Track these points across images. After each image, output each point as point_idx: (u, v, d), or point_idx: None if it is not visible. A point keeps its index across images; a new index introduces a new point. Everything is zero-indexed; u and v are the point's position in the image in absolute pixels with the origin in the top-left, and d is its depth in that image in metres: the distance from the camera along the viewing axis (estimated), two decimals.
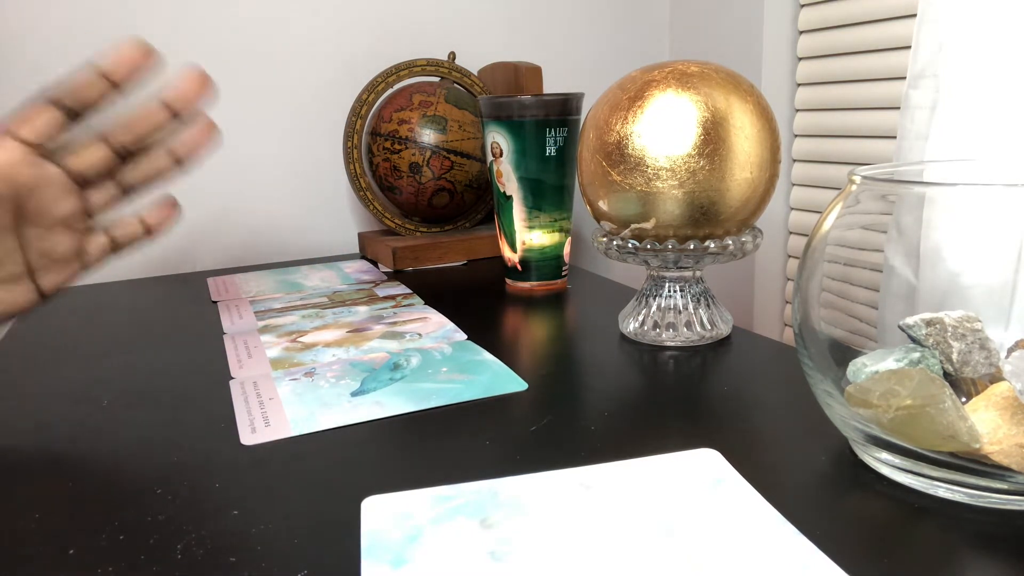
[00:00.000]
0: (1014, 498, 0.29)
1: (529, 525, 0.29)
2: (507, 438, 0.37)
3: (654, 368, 0.46)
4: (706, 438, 0.36)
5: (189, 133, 0.44)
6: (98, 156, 0.42)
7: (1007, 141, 0.47)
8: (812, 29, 0.77)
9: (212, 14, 0.78)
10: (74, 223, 0.42)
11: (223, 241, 0.83)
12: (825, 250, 0.33)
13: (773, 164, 0.46)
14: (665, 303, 0.50)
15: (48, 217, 0.41)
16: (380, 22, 0.84)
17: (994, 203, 0.31)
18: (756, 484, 0.31)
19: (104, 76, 0.40)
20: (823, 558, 0.26)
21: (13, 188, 0.39)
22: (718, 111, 0.44)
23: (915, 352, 0.31)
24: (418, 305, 0.61)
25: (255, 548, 0.29)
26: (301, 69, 0.82)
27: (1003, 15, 0.46)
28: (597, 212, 0.49)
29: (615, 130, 0.45)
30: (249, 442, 0.37)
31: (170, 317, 0.61)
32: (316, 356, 0.49)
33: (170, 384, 0.46)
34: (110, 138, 0.42)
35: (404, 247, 0.74)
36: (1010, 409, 0.28)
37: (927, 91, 0.50)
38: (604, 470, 0.33)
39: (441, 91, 0.75)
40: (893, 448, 0.30)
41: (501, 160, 0.62)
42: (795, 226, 0.83)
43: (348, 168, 0.76)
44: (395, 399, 0.42)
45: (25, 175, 0.39)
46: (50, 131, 0.40)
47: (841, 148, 0.75)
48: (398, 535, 0.28)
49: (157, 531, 0.30)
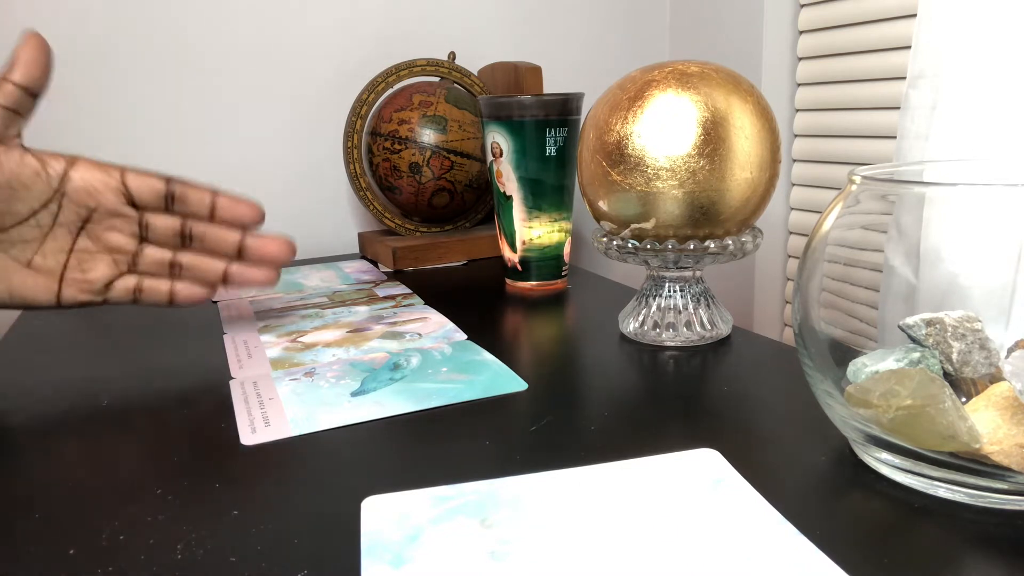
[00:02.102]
0: (1014, 498, 0.29)
1: (529, 525, 0.29)
2: (507, 438, 0.37)
3: (654, 368, 0.46)
4: (706, 438, 0.36)
5: (262, 244, 0.48)
6: (169, 224, 0.47)
7: (1007, 141, 0.47)
8: (812, 29, 0.77)
9: (212, 14, 0.78)
10: (118, 257, 0.46)
11: None
12: (825, 250, 0.33)
13: (773, 164, 0.46)
14: (665, 303, 0.50)
15: (104, 240, 0.46)
16: (380, 22, 0.84)
17: (994, 203, 0.31)
18: (756, 484, 0.31)
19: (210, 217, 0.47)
20: (823, 558, 0.26)
21: (97, 201, 0.45)
22: (718, 111, 0.44)
23: (915, 352, 0.31)
24: (418, 305, 0.61)
25: (255, 548, 0.29)
26: (301, 69, 0.82)
27: (1003, 15, 0.46)
28: (597, 212, 0.49)
29: (615, 130, 0.45)
30: (249, 442, 0.37)
31: (170, 317, 0.61)
32: (316, 356, 0.49)
33: (170, 384, 0.46)
34: (184, 225, 0.47)
35: (404, 247, 0.74)
36: (1010, 409, 0.28)
37: (927, 91, 0.50)
38: (604, 470, 0.33)
39: (441, 91, 0.75)
40: (893, 448, 0.30)
41: (501, 160, 0.62)
42: (795, 226, 0.83)
43: (348, 168, 0.76)
44: (395, 399, 0.42)
45: (112, 197, 0.45)
46: (152, 197, 0.46)
47: (841, 148, 0.75)
48: (398, 535, 0.28)
49: (157, 531, 0.30)
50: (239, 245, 0.48)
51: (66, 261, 0.45)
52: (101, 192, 0.44)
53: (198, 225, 0.47)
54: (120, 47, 0.76)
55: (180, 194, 0.46)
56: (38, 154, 0.44)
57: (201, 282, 0.48)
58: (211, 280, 0.48)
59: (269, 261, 0.48)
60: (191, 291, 0.48)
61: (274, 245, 0.48)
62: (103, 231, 0.45)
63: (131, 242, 0.46)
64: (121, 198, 0.45)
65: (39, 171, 0.43)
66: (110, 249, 0.46)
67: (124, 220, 0.45)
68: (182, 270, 0.47)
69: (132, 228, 0.46)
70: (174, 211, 0.46)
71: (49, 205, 0.44)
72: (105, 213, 0.45)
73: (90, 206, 0.44)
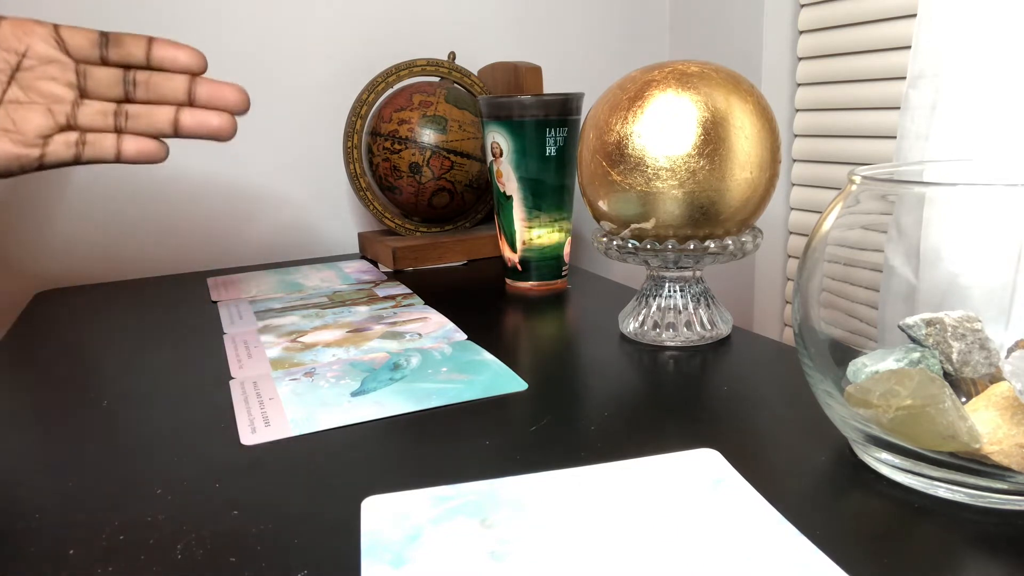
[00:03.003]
0: (1014, 498, 0.29)
1: (529, 525, 0.29)
2: (507, 438, 0.37)
3: (654, 368, 0.46)
4: (706, 438, 0.36)
5: (215, 88, 0.45)
6: (109, 73, 0.43)
7: (1007, 141, 0.47)
8: (812, 29, 0.77)
9: (212, 14, 0.78)
10: (55, 108, 0.43)
11: (223, 241, 0.83)
12: (825, 250, 0.33)
13: (773, 164, 0.46)
14: (665, 303, 0.50)
15: (37, 88, 0.42)
16: (380, 22, 0.84)
17: (994, 203, 0.31)
18: (756, 484, 0.31)
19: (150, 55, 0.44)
20: (823, 558, 0.26)
21: (27, 45, 0.42)
22: (718, 111, 0.44)
23: (915, 352, 0.31)
24: (418, 305, 0.61)
25: (255, 548, 0.29)
26: (301, 69, 0.82)
27: (1003, 15, 0.46)
28: (597, 212, 0.49)
29: (615, 130, 0.45)
30: (249, 442, 0.37)
31: (170, 317, 0.61)
32: (316, 356, 0.49)
33: (170, 384, 0.46)
34: (126, 75, 0.44)
35: (404, 247, 0.74)
36: (1010, 409, 0.28)
37: (927, 91, 0.50)
38: (604, 470, 0.33)
39: (441, 91, 0.75)
40: (893, 448, 0.30)
41: (501, 160, 0.62)
42: (795, 226, 0.83)
43: (348, 168, 0.76)
44: (395, 399, 0.42)
45: (43, 43, 0.42)
46: (87, 45, 0.43)
47: (841, 148, 0.75)
48: (398, 535, 0.28)
49: (157, 531, 0.30)
50: (188, 92, 0.45)
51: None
52: (31, 37, 0.42)
53: (141, 72, 0.44)
54: None
55: (115, 38, 0.43)
56: None
57: (150, 134, 0.45)
58: (160, 129, 0.45)
59: (224, 106, 0.45)
60: (140, 144, 0.45)
61: (229, 90, 0.45)
62: (35, 79, 0.42)
63: (68, 92, 0.43)
64: (53, 44, 0.42)
65: None
66: (45, 97, 0.43)
67: (59, 67, 0.42)
68: (128, 120, 0.44)
69: (69, 77, 0.43)
70: (111, 62, 0.43)
71: None
72: (37, 59, 0.42)
73: (19, 51, 0.41)
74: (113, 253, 0.79)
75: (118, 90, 0.44)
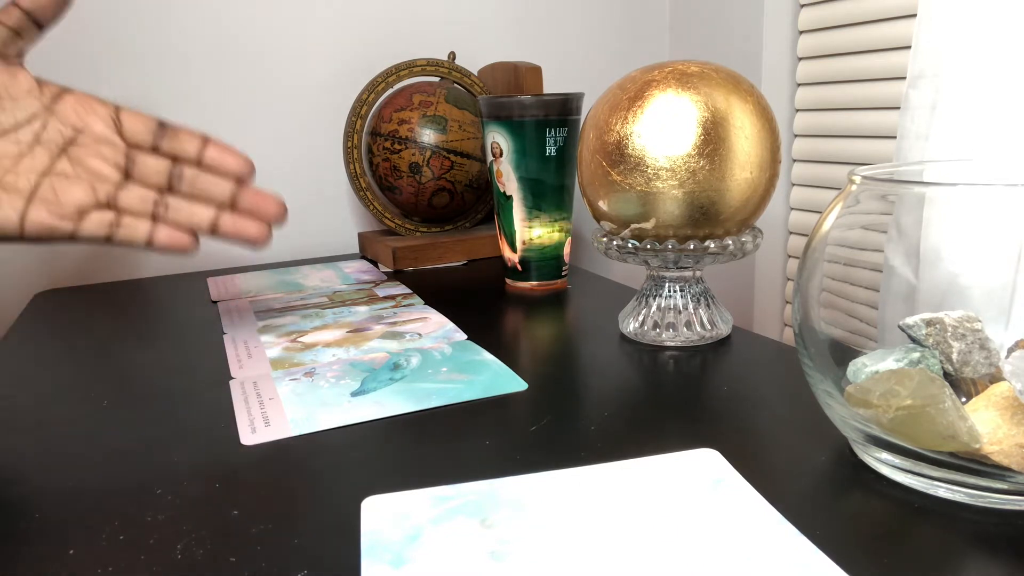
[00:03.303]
0: (1014, 498, 0.29)
1: (529, 525, 0.29)
2: (507, 438, 0.37)
3: (654, 368, 0.46)
4: (706, 438, 0.36)
5: (259, 199, 0.46)
6: (158, 164, 0.44)
7: (1007, 141, 0.47)
8: (812, 29, 0.77)
9: (211, 13, 0.78)
10: (98, 185, 0.43)
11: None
12: (825, 250, 0.33)
13: (773, 164, 0.46)
14: (665, 303, 0.50)
15: (85, 164, 0.43)
16: (380, 22, 0.84)
17: (994, 203, 0.31)
18: (756, 484, 0.31)
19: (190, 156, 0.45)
20: (823, 558, 0.26)
21: (85, 123, 0.43)
22: (718, 111, 0.44)
23: (915, 352, 0.31)
24: (418, 305, 0.61)
25: (255, 548, 0.29)
26: (301, 69, 0.82)
27: (1003, 15, 0.46)
28: (597, 212, 0.49)
29: (615, 130, 0.45)
30: (249, 442, 0.37)
31: (170, 317, 0.61)
32: (316, 356, 0.49)
33: (170, 384, 0.46)
34: (174, 169, 0.45)
35: (404, 247, 0.74)
36: (1010, 409, 0.28)
37: (927, 91, 0.50)
38: (604, 470, 0.33)
39: (441, 91, 0.75)
40: (893, 448, 0.30)
41: (501, 160, 0.62)
42: (795, 226, 0.83)
43: (348, 168, 0.76)
44: (395, 399, 0.42)
45: (102, 123, 0.43)
46: (143, 132, 0.44)
47: (841, 148, 0.75)
48: (398, 535, 0.28)
49: (157, 531, 0.30)
50: (231, 196, 0.45)
51: (38, 183, 0.42)
52: (91, 116, 0.43)
53: (189, 168, 0.45)
54: (120, 49, 0.76)
55: (172, 132, 0.44)
56: (38, 77, 0.42)
57: (185, 228, 0.45)
58: (197, 226, 0.45)
59: (264, 216, 0.46)
60: (173, 236, 0.44)
61: (272, 202, 0.46)
62: (86, 155, 0.43)
63: (114, 172, 0.43)
64: (111, 126, 0.43)
65: (32, 89, 0.42)
66: (90, 174, 0.43)
67: (110, 148, 0.43)
68: (167, 211, 0.44)
69: (117, 159, 0.43)
70: (164, 152, 0.44)
71: (34, 122, 0.42)
72: (92, 138, 0.43)
73: (77, 127, 0.43)
74: (113, 253, 0.79)
75: (162, 179, 0.44)
